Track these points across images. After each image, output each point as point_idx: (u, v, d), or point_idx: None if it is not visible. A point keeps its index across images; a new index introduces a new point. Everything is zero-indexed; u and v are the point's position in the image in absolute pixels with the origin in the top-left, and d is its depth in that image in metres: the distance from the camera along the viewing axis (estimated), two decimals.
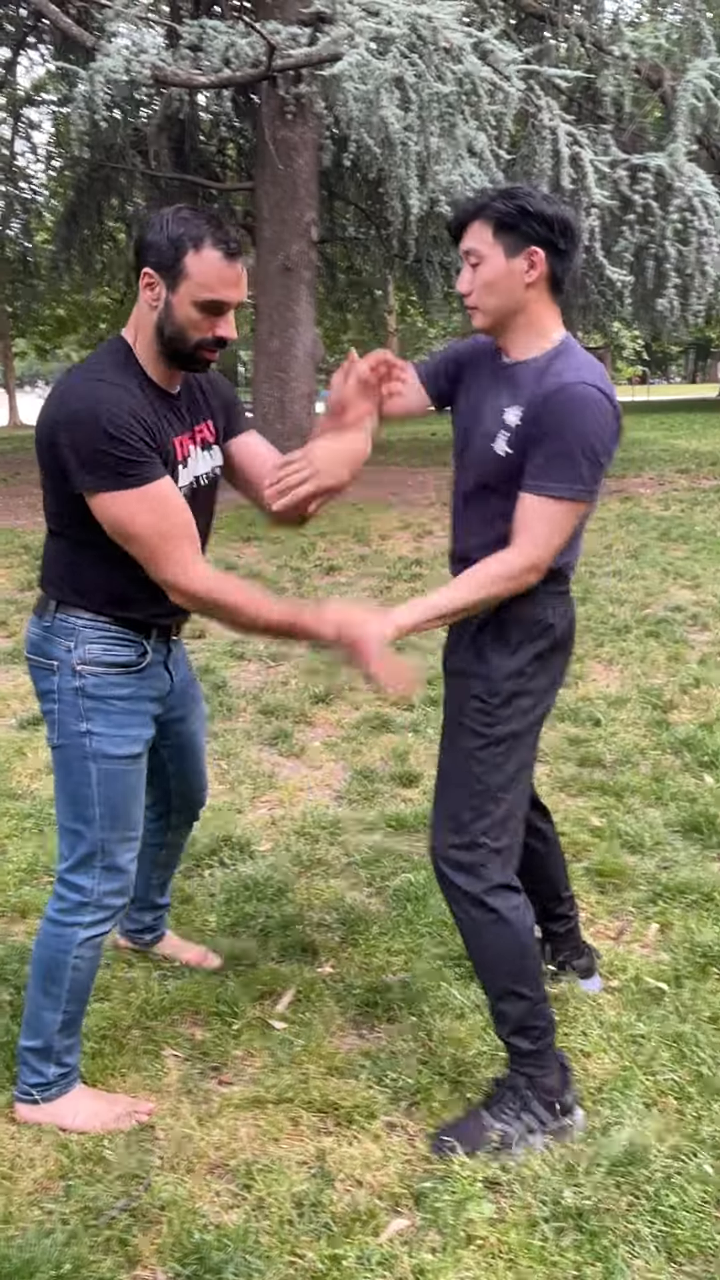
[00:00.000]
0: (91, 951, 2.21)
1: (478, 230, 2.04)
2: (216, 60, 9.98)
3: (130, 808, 2.21)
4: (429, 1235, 1.92)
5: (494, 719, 2.13)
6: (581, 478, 1.99)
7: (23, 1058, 2.25)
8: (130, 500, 1.95)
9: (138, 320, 2.04)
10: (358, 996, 2.63)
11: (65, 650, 2.12)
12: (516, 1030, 2.17)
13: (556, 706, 4.69)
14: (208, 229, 1.95)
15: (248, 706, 4.94)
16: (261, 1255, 1.86)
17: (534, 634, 2.13)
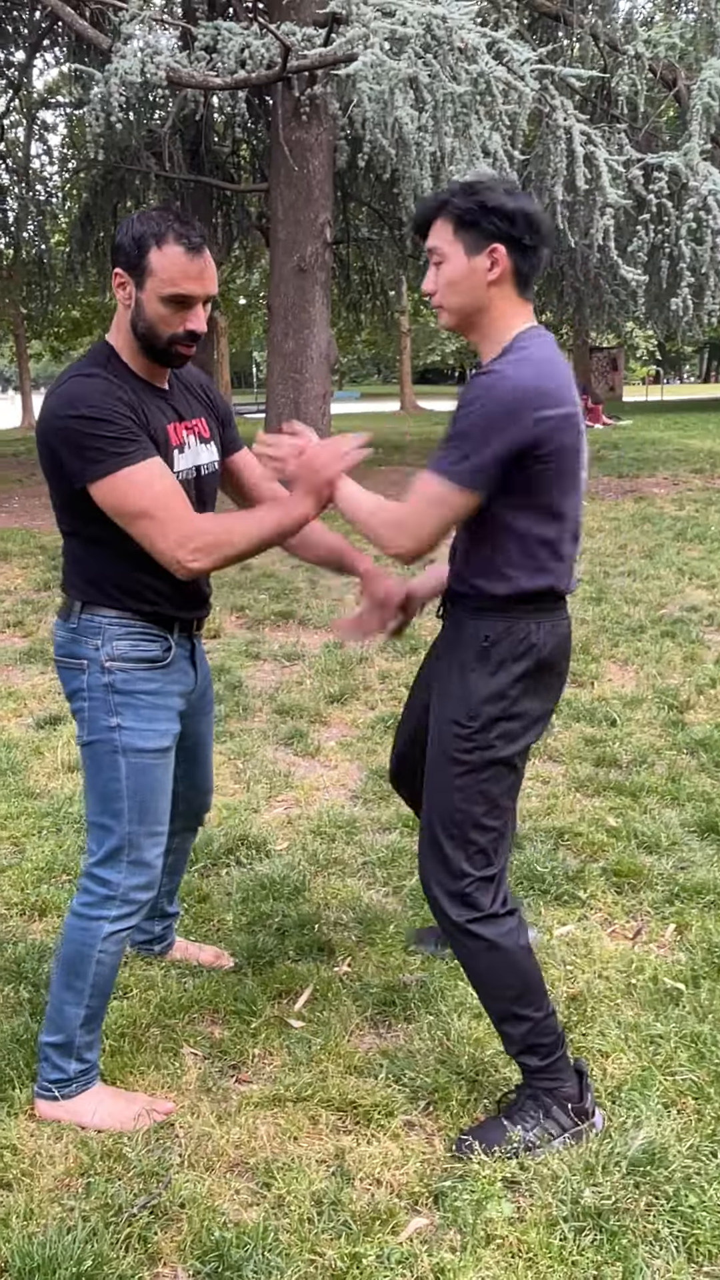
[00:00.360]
0: (116, 946, 2.23)
1: (439, 228, 2.01)
2: (231, 62, 10.00)
3: (158, 802, 2.23)
4: (448, 1234, 1.92)
5: (474, 744, 2.07)
6: (457, 461, 1.91)
7: (43, 1053, 2.26)
8: (124, 479, 1.99)
9: (116, 321, 2.13)
10: (375, 995, 2.63)
11: (93, 649, 2.15)
12: (524, 1050, 2.15)
13: (571, 706, 4.70)
14: (169, 226, 2.02)
15: (263, 706, 4.95)
16: (281, 1253, 1.87)
17: (517, 654, 2.04)
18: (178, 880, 2.78)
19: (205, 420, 2.29)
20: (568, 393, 1.97)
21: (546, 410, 1.91)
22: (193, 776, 2.56)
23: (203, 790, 2.62)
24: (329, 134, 11.24)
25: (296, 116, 10.88)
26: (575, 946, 2.84)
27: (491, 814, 2.10)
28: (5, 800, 3.85)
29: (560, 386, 1.95)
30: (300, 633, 6.32)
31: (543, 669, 2.08)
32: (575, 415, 1.99)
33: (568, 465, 1.99)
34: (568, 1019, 2.51)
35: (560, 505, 2.01)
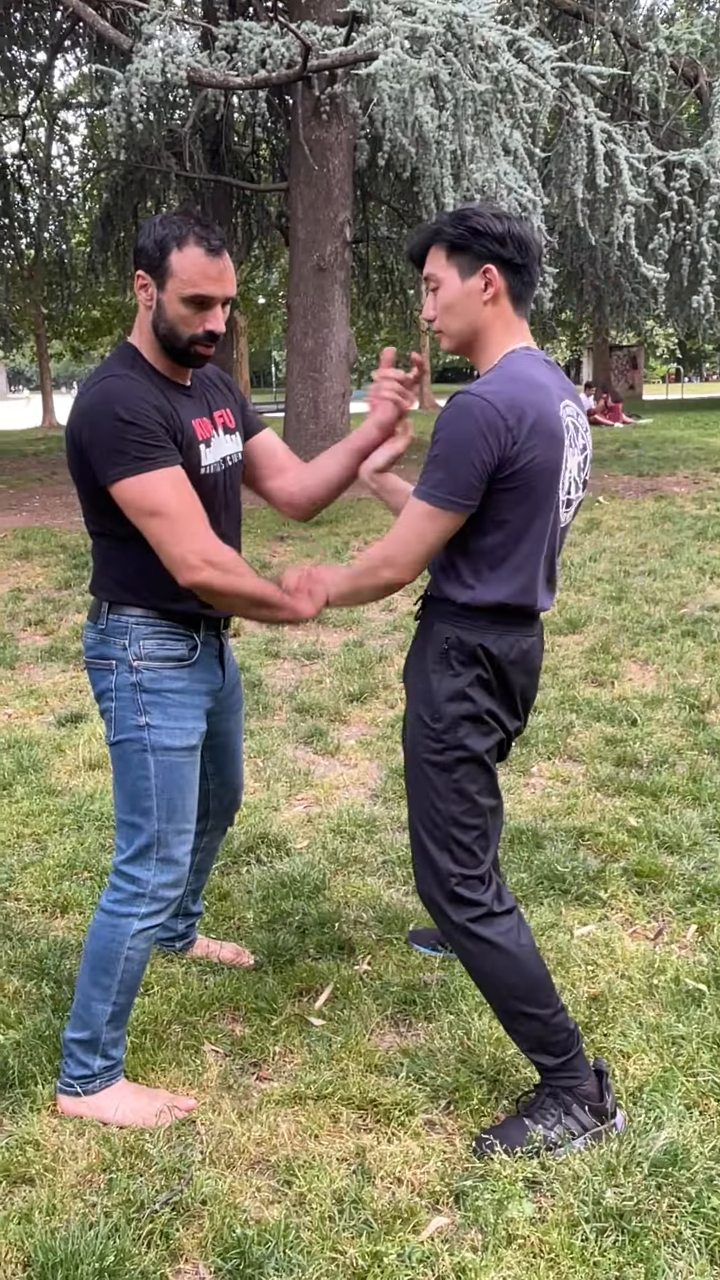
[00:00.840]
0: (144, 943, 2.24)
1: (434, 256, 2.08)
2: (252, 61, 10.01)
3: (186, 800, 2.25)
4: (470, 1234, 1.92)
5: (442, 744, 2.10)
6: (439, 484, 1.96)
7: (68, 1049, 2.27)
8: (147, 481, 2.03)
9: (139, 323, 2.16)
10: (395, 994, 2.63)
11: (121, 649, 2.18)
12: (537, 1049, 2.15)
13: (592, 706, 4.68)
14: (189, 229, 2.06)
15: (283, 705, 4.96)
16: (303, 1251, 1.87)
17: (474, 659, 2.08)
18: (204, 879, 2.80)
19: (230, 410, 2.33)
20: (547, 407, 1.98)
21: (514, 424, 1.94)
22: (224, 774, 2.58)
23: (234, 787, 2.64)
24: (349, 133, 11.24)
25: (316, 115, 10.89)
26: (596, 947, 2.83)
27: (471, 812, 2.12)
28: (27, 798, 3.87)
29: (531, 401, 1.96)
30: (320, 631, 6.32)
31: (500, 676, 2.11)
32: (554, 430, 1.99)
33: (540, 484, 2.00)
34: (589, 1019, 2.50)
35: (527, 523, 2.02)
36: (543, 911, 3.02)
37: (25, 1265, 1.86)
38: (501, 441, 1.93)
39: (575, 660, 5.53)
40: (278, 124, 14.85)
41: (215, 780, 2.58)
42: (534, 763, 4.18)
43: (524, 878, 3.20)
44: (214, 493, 2.23)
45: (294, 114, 11.18)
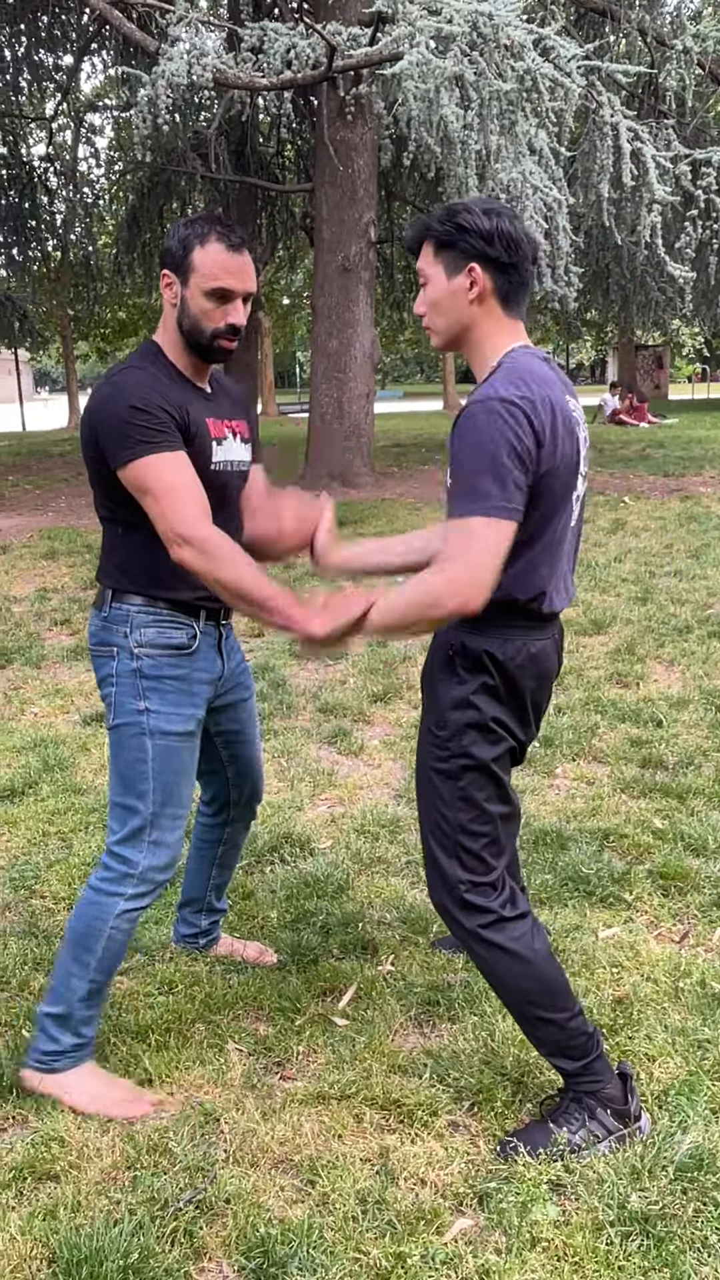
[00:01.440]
0: (128, 924, 2.27)
1: (425, 251, 2.06)
2: (277, 62, 10.03)
3: (181, 785, 2.29)
4: (493, 1236, 1.91)
5: (447, 751, 2.08)
6: (486, 494, 1.87)
7: (41, 1023, 2.30)
8: (149, 463, 2.10)
9: (164, 322, 2.25)
10: (419, 995, 2.63)
11: (122, 636, 2.25)
12: (555, 1053, 2.14)
13: (617, 707, 4.66)
14: (211, 227, 2.16)
15: (307, 705, 4.96)
16: (326, 1251, 1.87)
17: (479, 665, 2.03)
18: (228, 876, 2.81)
19: (246, 423, 2.40)
20: (561, 402, 1.96)
21: (540, 422, 1.91)
22: (239, 762, 2.61)
23: (252, 776, 2.66)
24: (374, 133, 11.25)
25: (341, 116, 10.89)
26: (621, 949, 2.81)
27: (479, 820, 2.09)
28: (53, 796, 3.90)
29: (549, 399, 1.93)
30: None
31: (507, 682, 2.05)
32: (571, 426, 1.98)
33: (558, 481, 1.97)
34: (613, 1022, 2.49)
35: (544, 522, 1.99)
36: (567, 913, 3.01)
37: (50, 1261, 1.87)
38: (536, 441, 1.90)
39: (600, 661, 5.51)
40: (303, 125, 14.87)
41: (232, 769, 2.61)
42: (558, 764, 4.16)
43: (548, 879, 3.18)
44: (222, 490, 2.28)
45: (319, 115, 11.20)
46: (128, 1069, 2.38)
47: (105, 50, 15.99)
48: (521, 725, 2.13)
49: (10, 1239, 1.91)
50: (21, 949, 2.86)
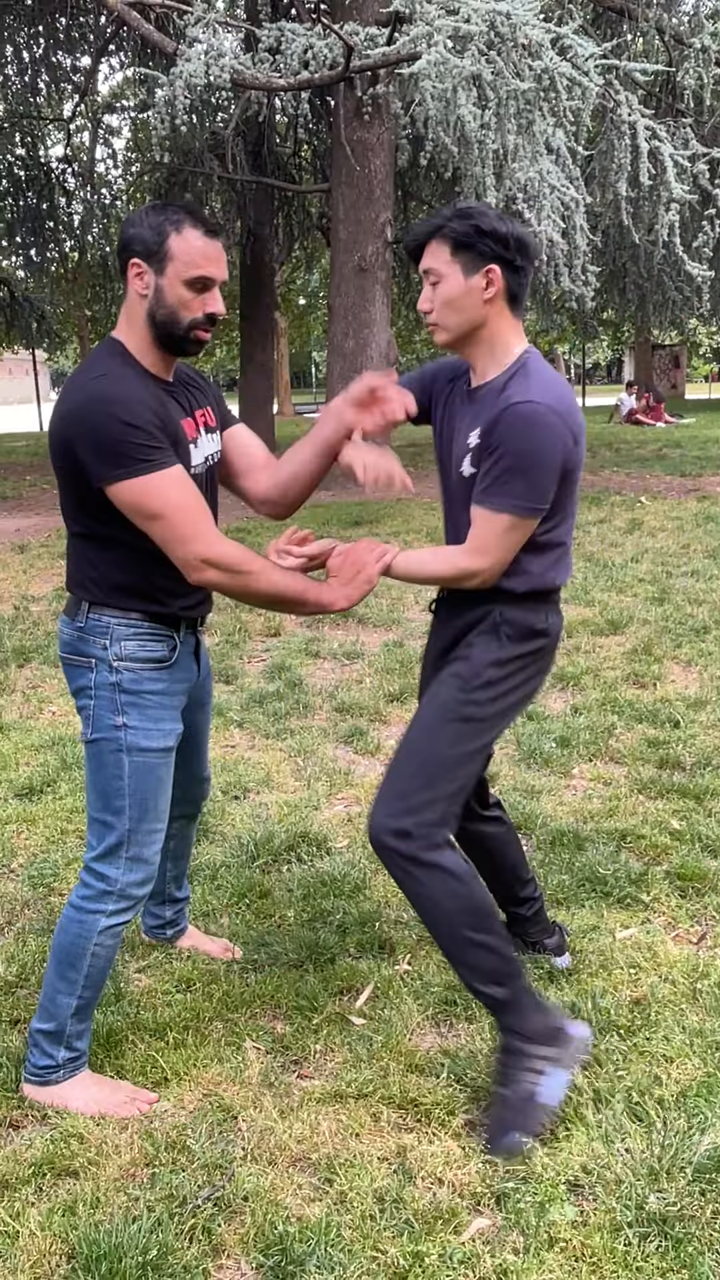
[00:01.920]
0: (111, 940, 2.26)
1: (435, 250, 2.12)
2: (294, 63, 10.04)
3: (159, 800, 2.26)
4: (511, 1236, 1.91)
5: (468, 699, 2.21)
6: (521, 494, 2.07)
7: (34, 1040, 2.30)
8: (152, 483, 2.02)
9: (128, 316, 2.14)
10: (436, 994, 2.63)
11: (101, 648, 2.18)
12: (487, 979, 2.19)
13: (634, 707, 4.65)
14: (184, 213, 2.08)
15: (323, 704, 4.97)
16: (344, 1249, 1.87)
17: (527, 636, 2.23)
18: (184, 865, 2.81)
19: (210, 408, 2.32)
20: (579, 409, 2.15)
21: (574, 431, 2.10)
22: (190, 765, 2.60)
23: (200, 779, 2.66)
24: (390, 133, 11.25)
25: (358, 116, 10.90)
26: (639, 950, 2.81)
27: (464, 763, 2.22)
28: (71, 795, 3.91)
29: (574, 402, 2.13)
30: (360, 631, 6.33)
31: (542, 653, 2.28)
32: (584, 427, 2.18)
33: (577, 476, 2.19)
34: (631, 1023, 2.49)
35: (566, 513, 2.21)
36: (584, 913, 3.00)
37: (69, 1257, 1.88)
38: (567, 445, 2.08)
39: (617, 661, 5.50)
40: (319, 125, 14.89)
41: (181, 772, 2.56)
42: (575, 764, 4.16)
43: (565, 879, 3.18)
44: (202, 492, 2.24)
45: (336, 115, 11.21)
46: (145, 1067, 2.39)
47: (123, 51, 16.06)
48: (537, 689, 2.33)
49: (30, 1234, 1.92)
50: (40, 946, 2.88)
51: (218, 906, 3.12)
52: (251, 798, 3.92)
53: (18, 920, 3.07)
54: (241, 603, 2.22)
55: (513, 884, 2.70)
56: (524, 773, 4.09)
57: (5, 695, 5.25)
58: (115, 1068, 2.39)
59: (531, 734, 4.42)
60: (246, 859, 3.39)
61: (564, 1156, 2.09)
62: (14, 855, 3.48)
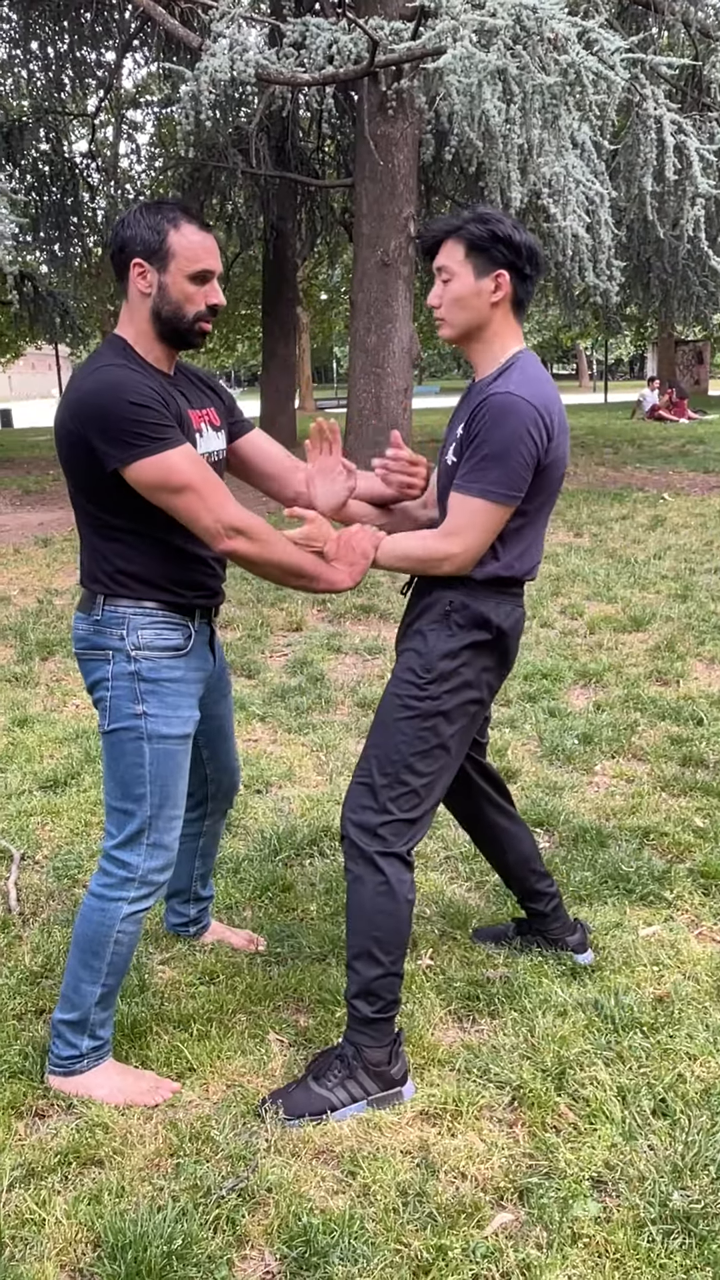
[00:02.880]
0: (133, 926, 2.28)
1: (450, 249, 2.20)
2: (319, 58, 10.03)
3: (178, 787, 2.29)
4: (534, 1231, 1.91)
5: (424, 694, 2.24)
6: (495, 480, 2.13)
7: (56, 1030, 2.32)
8: (172, 458, 2.06)
9: (130, 314, 2.19)
10: (458, 989, 2.63)
11: (118, 639, 2.21)
12: (361, 993, 2.24)
13: (656, 705, 4.64)
14: (178, 210, 2.13)
15: (345, 699, 4.97)
16: (367, 1242, 1.88)
17: (475, 623, 2.25)
18: (210, 863, 2.83)
19: (215, 410, 2.36)
20: (560, 404, 2.23)
21: (550, 422, 2.16)
22: (219, 758, 2.63)
23: (231, 770, 2.69)
24: (414, 128, 11.21)
25: (382, 111, 10.87)
26: (662, 947, 2.80)
27: (426, 759, 2.25)
28: (94, 787, 3.94)
29: (555, 400, 2.20)
30: (381, 627, 6.33)
31: (494, 644, 2.28)
32: (566, 423, 2.24)
33: (556, 471, 2.23)
34: (654, 1020, 2.48)
35: (542, 507, 2.26)
36: (607, 910, 3.00)
37: (95, 1245, 1.90)
38: (543, 436, 2.14)
39: (639, 658, 5.48)
40: (343, 120, 14.86)
41: (211, 765, 2.63)
42: (598, 761, 4.15)
43: (588, 876, 3.18)
44: None
45: (359, 110, 11.18)
46: (170, 1058, 2.40)
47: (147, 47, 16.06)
48: (496, 682, 2.35)
49: (56, 1222, 1.94)
50: (65, 937, 2.90)
51: (240, 900, 3.14)
52: (274, 792, 3.93)
53: (43, 911, 3.09)
54: (257, 575, 2.24)
55: (526, 877, 2.72)
56: (546, 769, 4.08)
57: (29, 688, 5.28)
58: (140, 1058, 2.41)
59: (554, 730, 4.41)
60: (269, 853, 3.40)
61: (587, 1152, 2.09)
62: (39, 847, 3.50)
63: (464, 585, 2.25)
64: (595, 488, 12.10)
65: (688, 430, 19.51)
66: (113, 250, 2.17)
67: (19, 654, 5.86)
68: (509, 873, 2.73)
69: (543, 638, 5.94)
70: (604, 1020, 2.48)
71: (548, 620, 6.31)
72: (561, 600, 6.80)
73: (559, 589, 7.10)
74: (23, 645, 6.00)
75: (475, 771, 2.65)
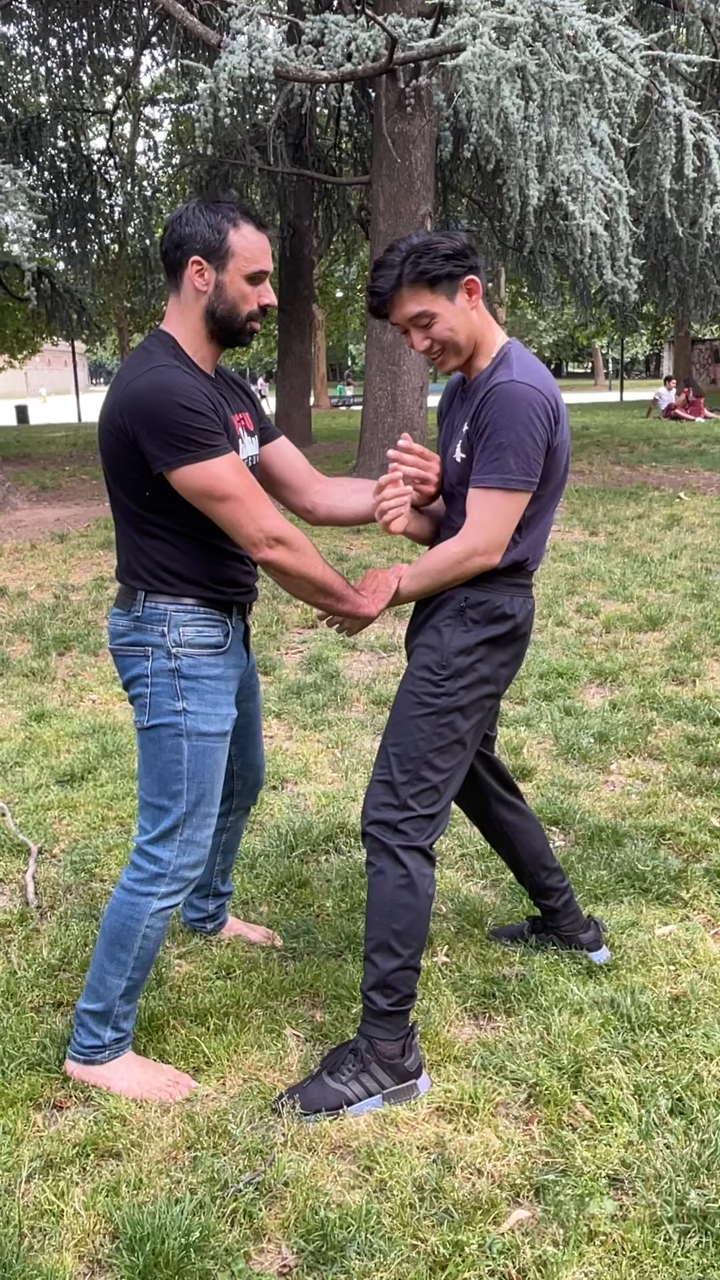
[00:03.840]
0: (161, 922, 2.29)
1: (410, 296, 2.21)
2: (338, 55, 10.02)
3: (215, 784, 2.30)
4: (550, 1228, 1.92)
5: (439, 690, 2.26)
6: (511, 468, 2.15)
7: (80, 1019, 2.33)
8: (216, 466, 2.07)
9: (180, 311, 2.18)
10: (474, 987, 2.64)
11: (159, 635, 2.22)
12: (378, 985, 2.25)
13: (673, 704, 4.62)
14: (237, 209, 2.13)
15: (360, 696, 4.98)
16: (384, 1236, 1.89)
17: (490, 618, 2.27)
18: (231, 859, 2.84)
19: (249, 415, 2.37)
20: (558, 389, 2.24)
21: (554, 408, 2.19)
22: (246, 754, 2.65)
23: (257, 767, 2.70)
24: (432, 125, 11.20)
25: (400, 108, 10.86)
26: (679, 947, 2.80)
27: (444, 755, 2.27)
28: (111, 782, 3.95)
29: (554, 385, 2.22)
30: (396, 625, 6.34)
31: (510, 637, 2.30)
32: (565, 409, 2.27)
33: (562, 457, 2.26)
34: (671, 1019, 2.48)
35: (550, 494, 2.28)
36: (623, 909, 3.00)
37: (113, 1236, 1.91)
38: (550, 422, 2.18)
39: (655, 658, 5.46)
40: (361, 117, 14.85)
41: (239, 761, 2.65)
42: (613, 760, 4.14)
43: (603, 875, 3.17)
44: None
45: (377, 107, 11.17)
46: (187, 1052, 2.41)
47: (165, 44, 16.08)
48: (510, 676, 2.36)
49: (74, 1213, 1.95)
50: (83, 930, 2.91)
51: (257, 895, 3.15)
52: (290, 788, 3.94)
53: (60, 904, 3.11)
54: (285, 588, 2.25)
55: (537, 872, 2.72)
56: (561, 768, 4.08)
57: (46, 683, 5.31)
58: (157, 1051, 2.42)
59: (569, 729, 4.41)
60: (285, 849, 3.41)
61: (603, 1150, 2.09)
62: (56, 841, 3.52)
63: (477, 579, 2.27)
64: (611, 486, 12.07)
65: (704, 429, 19.44)
66: (166, 246, 2.16)
67: (36, 649, 5.89)
68: (521, 869, 2.74)
69: (558, 636, 5.93)
70: (620, 1019, 2.48)
71: (563, 619, 6.30)
72: (577, 599, 6.79)
73: (574, 588, 7.08)
74: (39, 640, 6.03)
75: (482, 767, 2.66)
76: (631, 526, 9.34)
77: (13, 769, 4.13)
